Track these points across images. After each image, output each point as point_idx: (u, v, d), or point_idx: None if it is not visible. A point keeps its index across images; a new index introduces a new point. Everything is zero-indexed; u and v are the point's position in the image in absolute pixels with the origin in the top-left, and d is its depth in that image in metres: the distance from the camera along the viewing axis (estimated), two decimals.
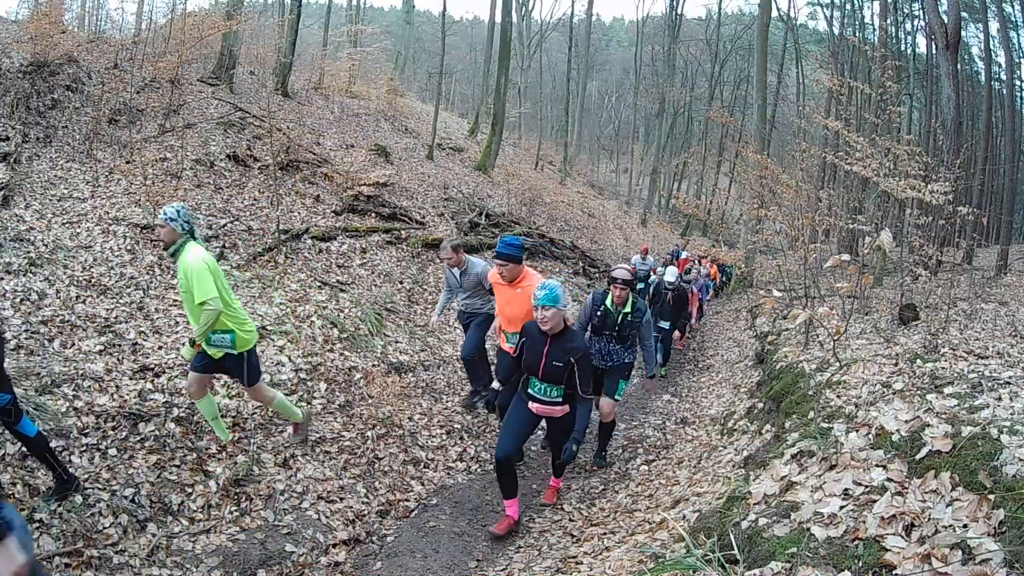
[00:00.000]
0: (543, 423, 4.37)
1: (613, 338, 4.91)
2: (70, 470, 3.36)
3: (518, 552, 3.71)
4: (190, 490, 3.70)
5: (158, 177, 8.13)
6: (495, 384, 4.45)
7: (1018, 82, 20.09)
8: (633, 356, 5.09)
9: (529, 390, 3.94)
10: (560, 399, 3.87)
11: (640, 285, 10.74)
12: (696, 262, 13.87)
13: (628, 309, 4.83)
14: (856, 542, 1.90)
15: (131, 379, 4.32)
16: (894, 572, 1.71)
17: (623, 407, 6.97)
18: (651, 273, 10.38)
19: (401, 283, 8.63)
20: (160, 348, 4.86)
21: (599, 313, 4.90)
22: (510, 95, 24.56)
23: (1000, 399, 2.47)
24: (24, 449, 3.31)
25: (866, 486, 2.19)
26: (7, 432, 3.34)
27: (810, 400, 3.76)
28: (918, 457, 2.22)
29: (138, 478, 3.56)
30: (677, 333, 8.51)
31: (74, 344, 4.59)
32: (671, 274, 8.46)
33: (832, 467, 2.48)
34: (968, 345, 4.66)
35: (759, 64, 16.74)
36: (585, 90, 35.56)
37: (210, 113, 11.06)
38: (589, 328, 4.95)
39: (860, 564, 1.80)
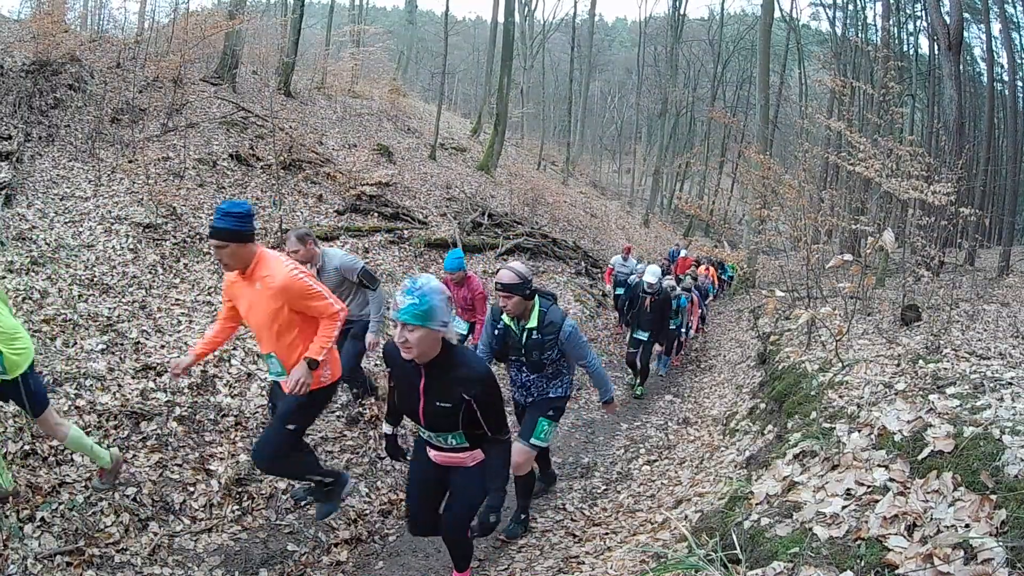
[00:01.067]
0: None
1: (523, 365, 3.74)
2: (70, 469, 3.38)
3: (520, 552, 3.71)
4: (192, 489, 3.71)
5: (160, 176, 8.15)
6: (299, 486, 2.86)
7: (1020, 83, 20.06)
8: (564, 389, 3.87)
9: (421, 434, 2.83)
10: (467, 445, 2.70)
11: (619, 291, 9.78)
12: (696, 266, 13.54)
13: (533, 324, 3.60)
14: (858, 542, 1.90)
15: (133, 378, 4.33)
16: (896, 572, 1.71)
17: (623, 407, 6.95)
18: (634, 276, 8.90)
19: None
20: (162, 347, 4.87)
21: (498, 331, 3.72)
22: (513, 95, 24.58)
23: (1002, 400, 2.47)
24: (25, 447, 3.32)
25: (868, 486, 2.19)
26: (8, 430, 3.35)
27: (812, 400, 3.75)
28: (920, 457, 2.21)
29: (140, 477, 3.57)
30: (658, 347, 7.31)
31: (76, 343, 4.60)
32: (651, 274, 7.15)
33: (834, 467, 2.47)
34: (970, 346, 4.66)
35: (761, 64, 16.75)
36: (588, 90, 35.55)
37: (213, 112, 11.08)
38: (492, 353, 3.79)
39: (862, 564, 1.79)
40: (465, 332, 5.68)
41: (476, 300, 5.59)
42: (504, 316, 3.66)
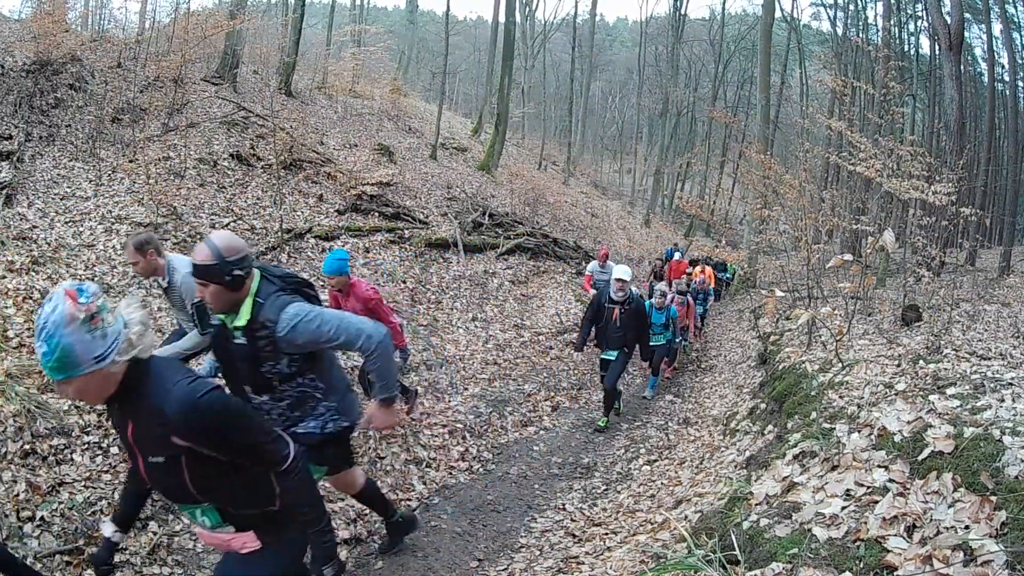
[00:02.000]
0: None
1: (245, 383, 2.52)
2: (70, 469, 3.37)
3: (519, 552, 3.71)
4: None
5: (161, 176, 8.15)
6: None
7: (1021, 83, 20.03)
8: (323, 422, 2.61)
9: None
10: (230, 527, 1.89)
11: None
12: (692, 268, 13.18)
13: (241, 322, 2.31)
14: (857, 543, 1.89)
15: None
16: (895, 573, 1.70)
17: (625, 407, 6.94)
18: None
19: (404, 282, 8.64)
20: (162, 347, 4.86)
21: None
22: (514, 95, 24.58)
23: (1003, 400, 2.46)
24: (25, 447, 3.32)
25: (868, 487, 2.19)
26: (8, 430, 3.35)
27: (812, 401, 3.75)
28: (920, 458, 2.21)
29: None
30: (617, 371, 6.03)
31: None
32: (622, 272, 6.05)
33: (834, 468, 2.47)
34: (971, 346, 4.66)
35: (762, 64, 16.74)
36: (589, 90, 35.58)
37: (213, 112, 11.08)
38: None
39: (861, 565, 1.79)
40: None
41: (370, 310, 4.20)
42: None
